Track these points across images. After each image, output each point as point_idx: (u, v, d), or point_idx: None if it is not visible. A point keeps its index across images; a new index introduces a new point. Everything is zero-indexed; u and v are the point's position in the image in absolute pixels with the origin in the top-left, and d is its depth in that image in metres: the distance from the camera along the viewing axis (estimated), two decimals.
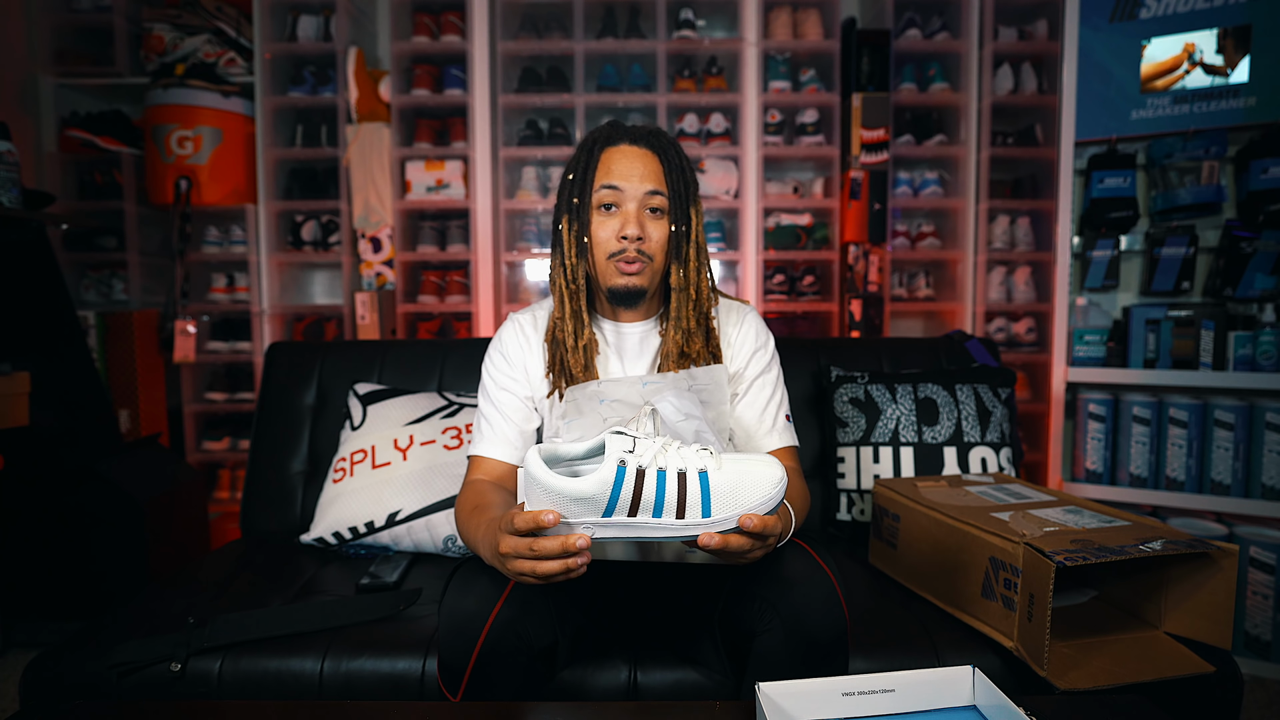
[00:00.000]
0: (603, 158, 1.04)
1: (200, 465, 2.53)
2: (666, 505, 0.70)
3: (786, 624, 0.84)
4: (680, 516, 0.70)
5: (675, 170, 1.04)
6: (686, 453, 0.72)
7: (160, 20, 2.48)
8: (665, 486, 0.70)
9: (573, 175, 1.05)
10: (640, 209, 1.02)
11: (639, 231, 1.01)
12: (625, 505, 0.70)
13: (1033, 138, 2.45)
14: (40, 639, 1.90)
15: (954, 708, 0.73)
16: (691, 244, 1.05)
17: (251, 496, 1.57)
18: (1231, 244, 1.98)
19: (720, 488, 0.71)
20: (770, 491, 0.73)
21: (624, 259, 1.02)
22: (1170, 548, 0.97)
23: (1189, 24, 1.99)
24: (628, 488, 0.69)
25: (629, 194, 1.02)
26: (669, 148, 1.05)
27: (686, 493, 0.70)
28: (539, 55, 2.54)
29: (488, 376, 1.12)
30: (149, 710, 0.83)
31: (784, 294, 2.57)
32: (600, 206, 1.03)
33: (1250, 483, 1.89)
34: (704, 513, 0.71)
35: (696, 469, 0.71)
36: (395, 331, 2.53)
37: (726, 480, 0.72)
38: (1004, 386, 1.53)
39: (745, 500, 0.72)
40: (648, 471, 0.70)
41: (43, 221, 1.98)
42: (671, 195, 1.03)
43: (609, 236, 1.02)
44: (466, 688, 0.85)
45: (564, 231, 1.05)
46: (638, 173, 1.02)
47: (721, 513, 0.71)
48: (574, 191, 1.04)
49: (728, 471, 0.73)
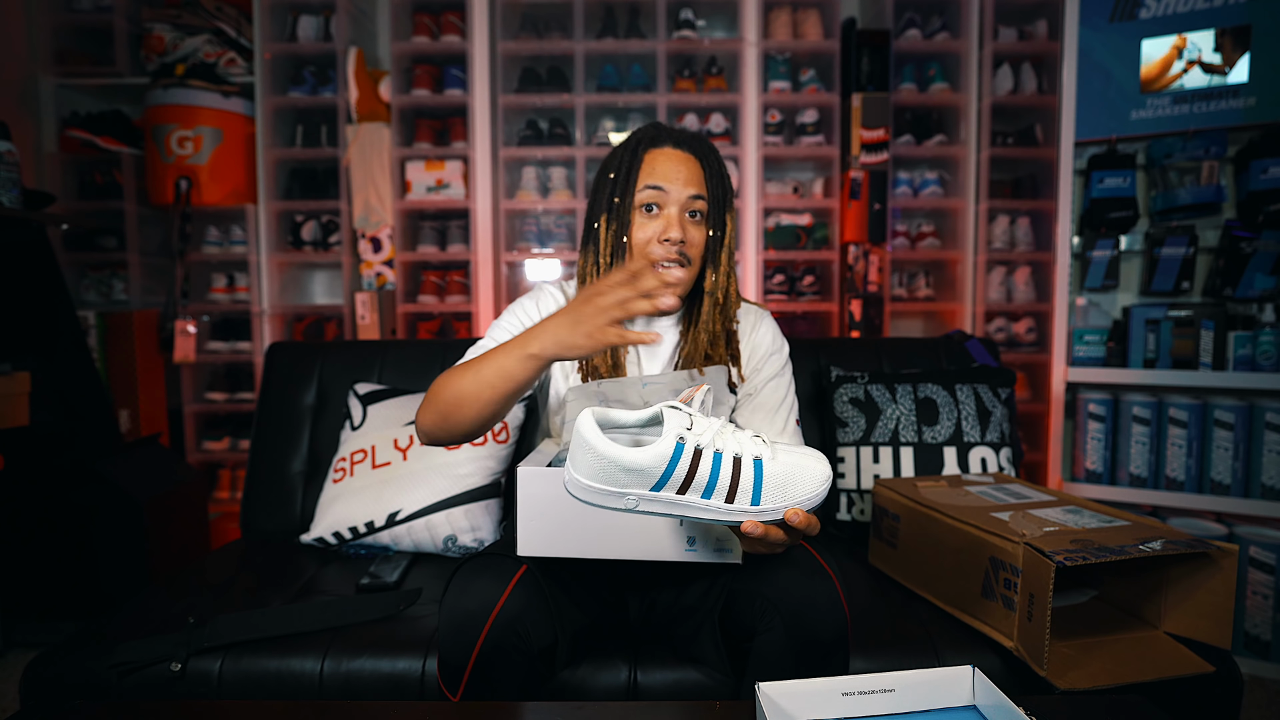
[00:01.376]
0: (646, 158, 1.04)
1: (200, 465, 2.53)
2: (718, 488, 0.69)
3: (788, 623, 0.84)
4: (730, 501, 0.70)
5: (715, 176, 1.05)
6: (743, 438, 0.72)
7: (160, 20, 2.48)
8: (720, 469, 0.69)
9: (614, 174, 1.05)
10: (682, 212, 1.02)
11: (681, 234, 1.01)
12: (677, 482, 0.69)
13: (1033, 138, 2.45)
14: (40, 639, 1.90)
15: (954, 708, 0.73)
16: (725, 250, 1.06)
17: (251, 496, 1.57)
18: (1231, 244, 1.98)
19: (773, 477, 0.71)
20: (819, 488, 0.72)
21: (665, 263, 1.01)
22: (1170, 548, 0.97)
23: (1189, 24, 1.99)
24: (683, 465, 0.68)
25: (673, 196, 1.02)
26: (710, 154, 1.06)
27: (740, 478, 0.69)
28: (539, 55, 2.54)
29: (513, 317, 1.09)
30: (149, 710, 0.83)
31: (784, 294, 2.57)
32: (642, 207, 1.03)
33: (1250, 483, 1.89)
34: (754, 500, 0.70)
35: (752, 455, 0.70)
36: (395, 331, 2.53)
37: (780, 470, 0.71)
38: (1004, 386, 1.53)
39: (794, 494, 0.71)
40: (705, 452, 0.69)
41: (43, 221, 1.98)
42: (711, 201, 1.04)
43: (649, 238, 1.02)
44: (466, 687, 0.85)
45: (600, 230, 1.05)
46: (681, 176, 1.02)
47: (770, 503, 0.71)
48: (615, 190, 1.04)
49: (781, 462, 0.72)
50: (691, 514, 0.71)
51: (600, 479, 0.69)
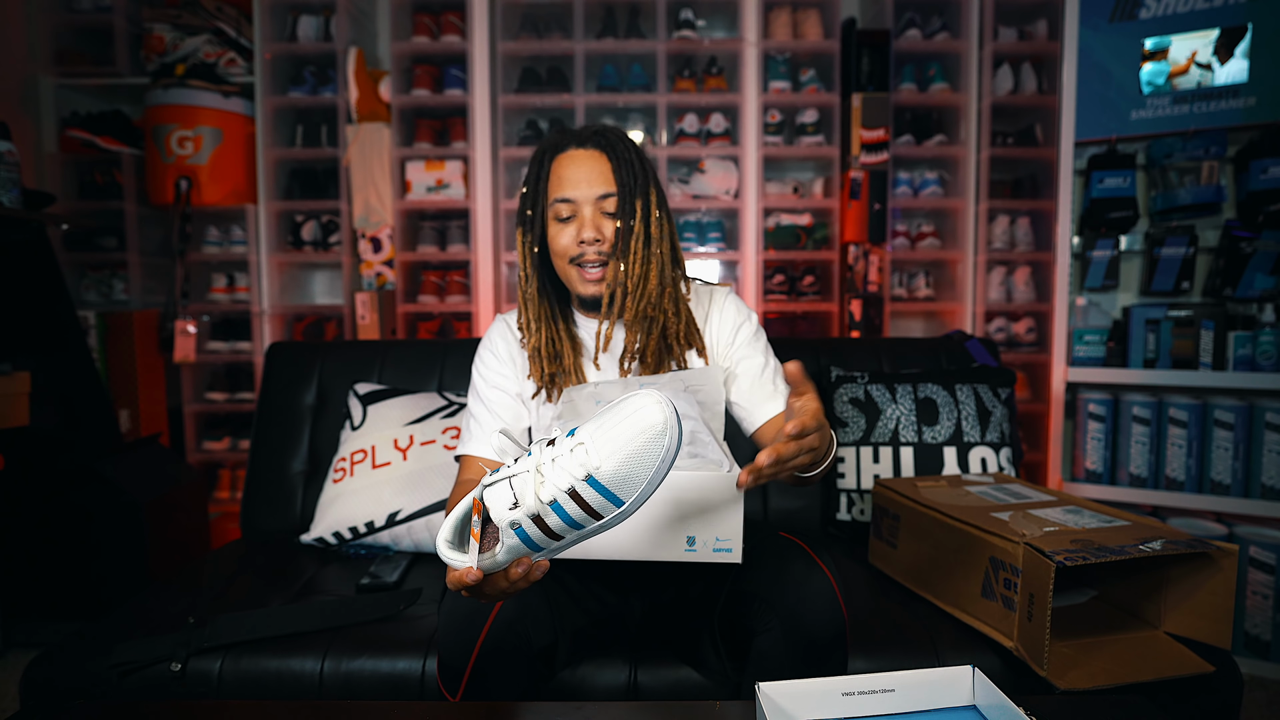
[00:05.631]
0: (553, 167, 1.04)
1: (200, 465, 2.53)
2: (580, 520, 0.68)
3: (785, 623, 0.84)
4: (599, 519, 0.68)
5: (625, 165, 1.03)
6: (562, 464, 0.68)
7: (160, 20, 2.48)
8: (566, 511, 0.67)
9: (525, 188, 1.06)
10: (596, 211, 1.02)
11: (596, 233, 1.01)
12: (545, 541, 0.69)
13: (1033, 138, 2.45)
14: (40, 639, 1.90)
15: (954, 708, 0.73)
16: (637, 238, 1.02)
17: (251, 496, 1.57)
18: (1231, 244, 1.98)
19: (613, 479, 0.67)
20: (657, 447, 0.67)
21: (585, 264, 1.02)
22: (1170, 548, 0.97)
23: (1189, 24, 1.99)
24: (535, 532, 0.68)
25: (582, 200, 1.02)
26: (617, 143, 1.04)
27: (588, 501, 0.67)
28: (539, 55, 2.54)
29: (478, 375, 1.12)
30: (149, 710, 0.83)
31: (784, 294, 2.57)
32: (555, 218, 1.04)
33: (1250, 483, 1.89)
34: (616, 503, 0.68)
35: (582, 476, 0.67)
36: (395, 331, 2.53)
37: (612, 468, 0.67)
38: (1004, 386, 1.53)
39: (642, 473, 0.67)
40: (543, 509, 0.67)
41: (43, 221, 1.98)
42: (620, 190, 1.02)
43: (569, 243, 1.03)
44: (466, 687, 0.85)
45: (519, 244, 1.07)
46: (586, 177, 1.02)
47: (629, 495, 0.68)
48: (526, 203, 1.06)
49: (606, 455, 0.67)
50: (581, 539, 0.71)
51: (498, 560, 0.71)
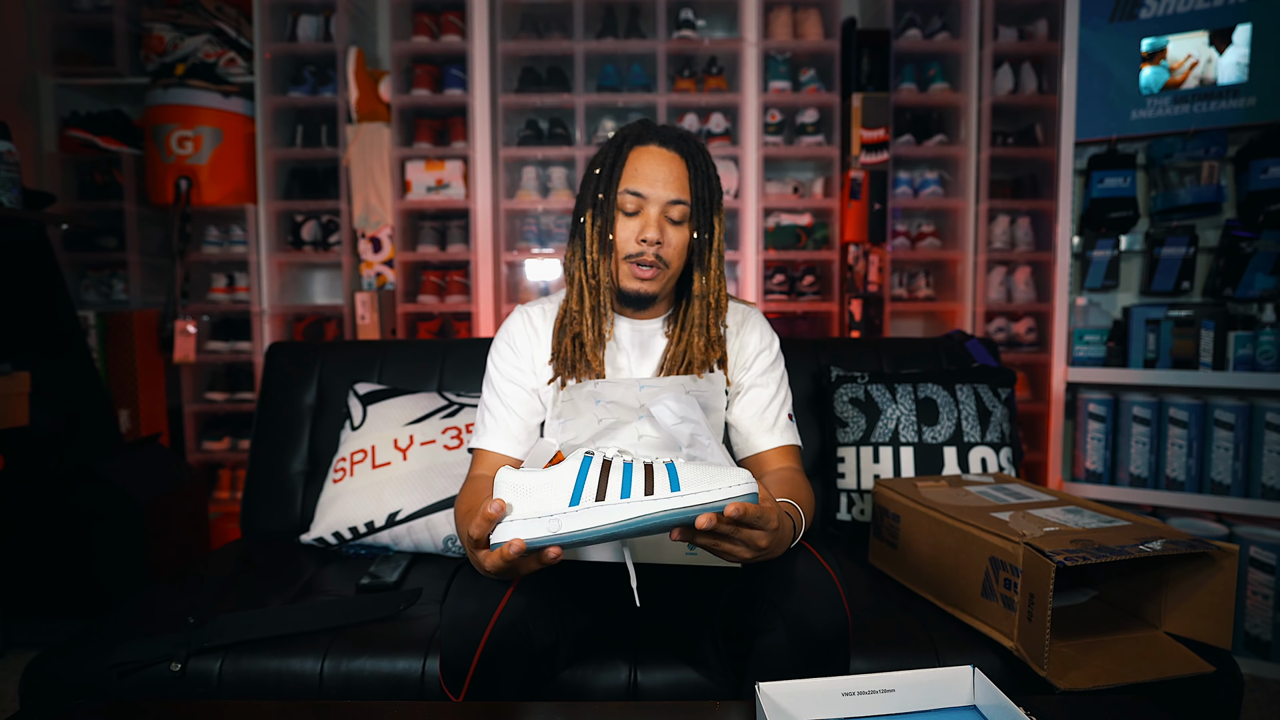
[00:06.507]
0: (630, 157, 1.03)
1: (200, 465, 2.53)
2: (634, 486, 0.69)
3: (789, 624, 0.84)
4: (649, 493, 0.69)
5: (701, 177, 1.04)
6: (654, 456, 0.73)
7: (160, 20, 2.48)
8: (632, 474, 0.70)
9: (599, 170, 1.04)
10: (661, 214, 1.02)
11: (658, 236, 1.01)
12: (591, 493, 0.70)
13: (1033, 138, 2.45)
14: (40, 639, 1.90)
15: (954, 708, 0.73)
16: (713, 252, 1.06)
17: (251, 496, 1.57)
18: (1231, 244, 1.98)
19: (690, 470, 0.71)
20: (741, 482, 0.71)
21: (640, 262, 1.02)
22: (1170, 548, 0.97)
23: (1189, 24, 1.99)
24: (593, 475, 0.70)
25: (652, 199, 1.01)
26: (697, 153, 1.04)
27: (655, 476, 0.69)
28: (539, 55, 2.54)
29: (493, 367, 1.11)
30: (149, 710, 0.83)
31: (784, 294, 2.57)
32: (622, 208, 1.03)
33: (1250, 483, 1.89)
34: (673, 487, 0.69)
35: (664, 461, 0.71)
36: (395, 331, 2.53)
37: (695, 468, 0.71)
38: (1004, 386, 1.53)
39: (714, 484, 0.71)
40: (614, 462, 0.70)
41: (43, 221, 1.98)
42: (695, 202, 1.03)
43: (629, 237, 1.02)
44: (469, 688, 0.85)
45: (587, 225, 1.05)
46: (662, 178, 1.01)
47: (692, 488, 0.70)
48: (599, 186, 1.04)
49: (696, 464, 0.72)
50: (612, 518, 0.70)
51: (520, 511, 0.71)
